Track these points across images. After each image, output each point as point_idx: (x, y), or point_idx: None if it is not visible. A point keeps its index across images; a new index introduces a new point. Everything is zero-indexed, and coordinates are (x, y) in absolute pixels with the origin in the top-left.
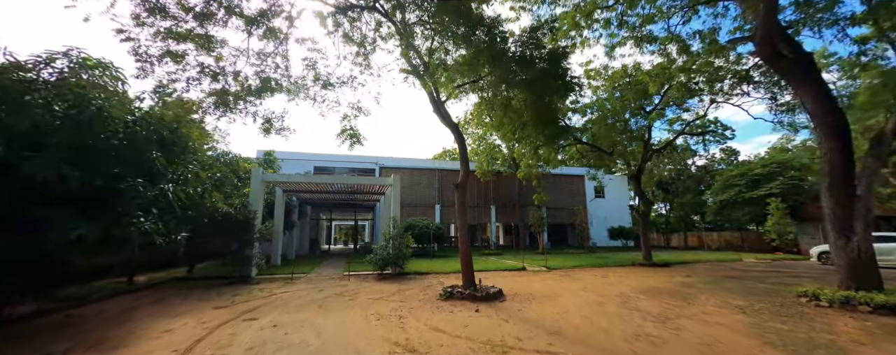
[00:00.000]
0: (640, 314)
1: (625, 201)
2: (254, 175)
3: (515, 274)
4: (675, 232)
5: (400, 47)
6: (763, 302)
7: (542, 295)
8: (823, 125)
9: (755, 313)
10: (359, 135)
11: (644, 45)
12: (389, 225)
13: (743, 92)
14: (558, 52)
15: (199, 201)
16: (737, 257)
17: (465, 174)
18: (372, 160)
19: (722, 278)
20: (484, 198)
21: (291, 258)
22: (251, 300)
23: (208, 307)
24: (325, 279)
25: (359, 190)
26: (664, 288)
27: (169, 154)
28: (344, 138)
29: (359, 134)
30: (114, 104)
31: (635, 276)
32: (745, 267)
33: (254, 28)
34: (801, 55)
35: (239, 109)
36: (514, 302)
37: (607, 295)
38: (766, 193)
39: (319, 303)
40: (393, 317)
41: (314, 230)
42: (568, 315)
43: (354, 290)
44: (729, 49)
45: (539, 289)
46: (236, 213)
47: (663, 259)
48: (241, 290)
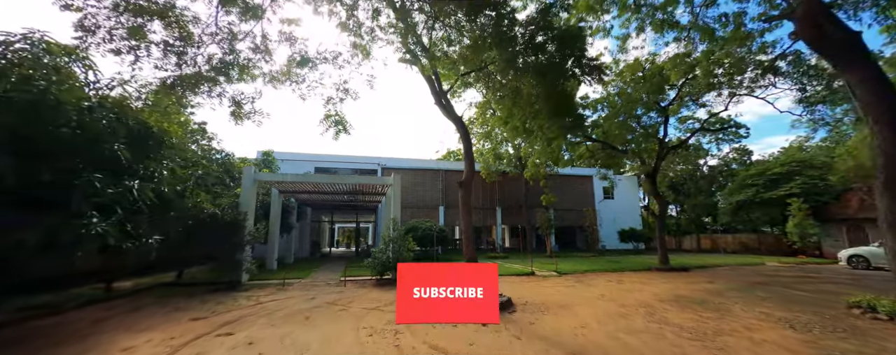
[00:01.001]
0: (671, 329)
1: (635, 202)
2: (245, 174)
3: (524, 279)
4: (686, 234)
5: (399, 35)
6: (809, 313)
7: (557, 305)
8: (877, 112)
9: (805, 328)
10: (345, 123)
11: (666, 30)
12: (389, 226)
13: (769, 83)
14: (572, 32)
15: (178, 201)
16: (758, 261)
17: (469, 171)
18: (374, 161)
19: (750, 285)
20: (489, 200)
21: (290, 262)
22: (234, 309)
23: (184, 318)
24: (320, 285)
25: (358, 190)
26: (690, 296)
27: (140, 148)
28: (328, 125)
29: (345, 121)
30: (64, 89)
31: (654, 282)
32: (771, 272)
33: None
34: (847, 34)
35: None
36: (526, 314)
37: (629, 305)
38: (785, 193)
39: (307, 314)
40: (387, 332)
41: (315, 232)
42: (589, 330)
43: (349, 298)
44: (754, 37)
45: (552, 298)
46: (224, 215)
47: (680, 262)
48: (227, 298)
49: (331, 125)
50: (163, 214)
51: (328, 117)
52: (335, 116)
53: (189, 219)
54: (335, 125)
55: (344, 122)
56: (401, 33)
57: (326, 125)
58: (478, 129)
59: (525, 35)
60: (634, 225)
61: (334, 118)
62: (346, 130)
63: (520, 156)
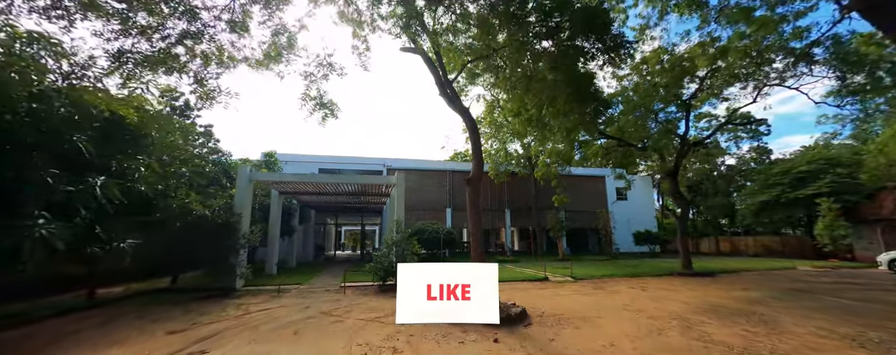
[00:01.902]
0: (718, 349)
1: (649, 203)
2: (240, 174)
3: (537, 286)
4: (704, 236)
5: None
6: (876, 328)
7: (577, 316)
8: None
9: (881, 348)
10: (332, 106)
11: (693, 10)
12: (392, 228)
13: (806, 72)
14: (595, 9)
15: (161, 201)
16: (787, 265)
17: (477, 167)
18: (379, 162)
19: (790, 292)
20: (497, 201)
21: (292, 266)
22: (217, 321)
23: (160, 331)
24: (319, 291)
25: (361, 191)
26: (727, 305)
27: (112, 142)
28: (311, 107)
29: (333, 103)
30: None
31: (681, 289)
32: (806, 278)
33: None
34: None
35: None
36: (544, 327)
37: (660, 317)
38: (813, 192)
39: (297, 328)
40: (385, 350)
41: (320, 235)
42: (619, 349)
43: (346, 307)
44: (789, 19)
45: (570, 307)
46: (215, 216)
47: (703, 267)
48: (215, 307)
49: (315, 108)
50: (142, 216)
51: (310, 97)
52: (317, 98)
53: (176, 221)
54: (320, 108)
55: (331, 105)
56: (402, 18)
57: (309, 108)
58: (485, 129)
59: (540, 15)
60: (649, 226)
61: (316, 99)
62: (333, 114)
63: (529, 155)
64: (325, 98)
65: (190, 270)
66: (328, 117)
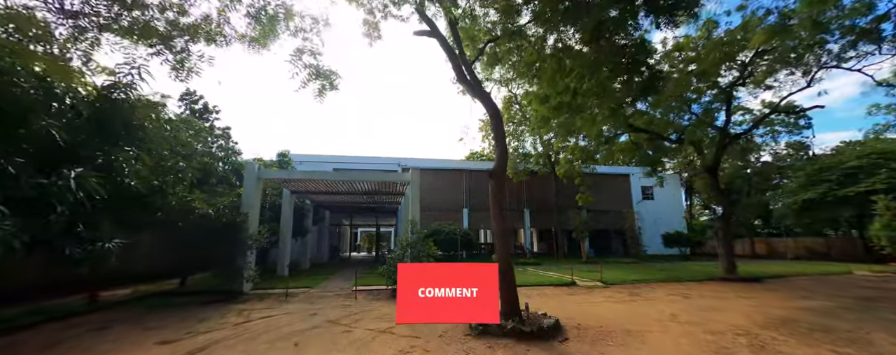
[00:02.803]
0: None
1: (677, 203)
2: (248, 171)
3: (566, 291)
4: (737, 238)
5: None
6: None
7: (620, 330)
8: None
9: None
10: (332, 77)
11: None
12: (407, 229)
13: (870, 51)
14: None
15: (157, 198)
16: (842, 269)
17: (501, 158)
18: (394, 161)
19: (860, 301)
20: (516, 201)
21: (305, 267)
22: (215, 329)
23: (150, 341)
24: (329, 296)
25: (374, 189)
26: (796, 318)
27: (98, 130)
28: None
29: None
30: None
31: (730, 297)
32: (871, 284)
33: None
34: None
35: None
36: (583, 343)
37: (720, 332)
38: (867, 189)
39: (298, 339)
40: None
41: (335, 236)
42: None
43: (356, 315)
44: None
45: (608, 318)
46: (220, 215)
47: (747, 271)
48: (216, 312)
49: (310, 77)
50: (136, 213)
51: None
52: (313, 67)
53: (177, 221)
54: (316, 77)
55: (329, 75)
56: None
57: (303, 77)
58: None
59: None
60: (677, 227)
61: (312, 68)
62: (332, 85)
63: (549, 153)
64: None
65: (198, 272)
66: (326, 90)
